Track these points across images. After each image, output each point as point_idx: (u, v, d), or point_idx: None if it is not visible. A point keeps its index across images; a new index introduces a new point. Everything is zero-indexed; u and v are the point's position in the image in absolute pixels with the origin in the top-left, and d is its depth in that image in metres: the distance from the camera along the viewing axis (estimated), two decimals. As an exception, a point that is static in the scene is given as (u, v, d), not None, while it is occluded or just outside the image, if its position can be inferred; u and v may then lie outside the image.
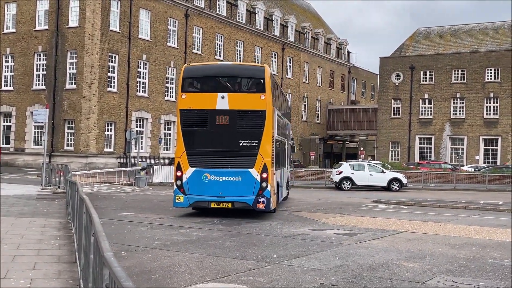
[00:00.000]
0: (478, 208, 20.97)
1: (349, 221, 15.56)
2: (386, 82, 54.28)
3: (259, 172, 15.29)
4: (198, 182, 15.50)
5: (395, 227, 14.53)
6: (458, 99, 50.92)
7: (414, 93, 52.74)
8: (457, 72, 51.07)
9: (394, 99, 53.89)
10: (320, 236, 12.37)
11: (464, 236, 13.13)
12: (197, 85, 16.19)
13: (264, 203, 15.26)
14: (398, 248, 11.17)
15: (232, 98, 15.57)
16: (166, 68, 43.82)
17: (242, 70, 16.66)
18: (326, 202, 22.34)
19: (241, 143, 15.47)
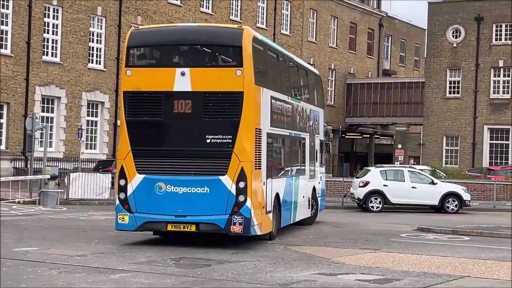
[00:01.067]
0: None
1: (379, 261, 15.63)
2: (439, 41, 54.60)
3: (234, 181, 16.04)
4: (149, 194, 16.33)
5: (452, 269, 14.64)
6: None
7: (483, 59, 53.17)
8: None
9: (450, 69, 54.26)
10: (333, 284, 12.41)
11: (559, 283, 13.25)
12: (148, 57, 17.30)
13: (241, 225, 15.97)
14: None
15: (196, 75, 16.29)
16: (90, 18, 43.61)
17: (210, 34, 17.39)
18: (343, 230, 22.45)
19: (209, 139, 16.25)
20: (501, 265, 15.47)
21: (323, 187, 25.96)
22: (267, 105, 17.56)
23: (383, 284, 12.66)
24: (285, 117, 19.39)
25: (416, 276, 13.62)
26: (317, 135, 24.03)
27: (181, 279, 12.54)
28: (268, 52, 18.39)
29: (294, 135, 20.71)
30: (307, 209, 22.76)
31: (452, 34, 54.15)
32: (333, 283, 12.57)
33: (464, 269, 14.75)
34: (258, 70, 16.82)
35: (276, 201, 18.44)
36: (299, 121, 21.38)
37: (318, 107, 24.49)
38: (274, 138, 18.35)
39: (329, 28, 63.49)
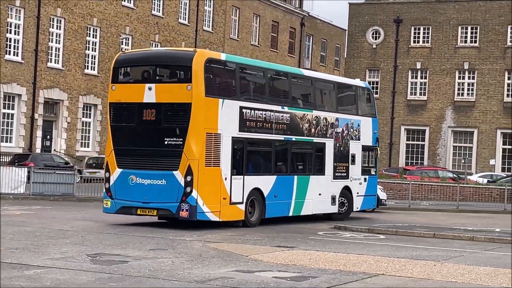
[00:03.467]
0: (492, 239, 21.73)
1: (296, 258, 15.72)
2: (359, 42, 55.32)
3: (183, 175, 19.89)
4: (125, 185, 20.68)
5: (367, 267, 14.82)
6: (466, 71, 52.69)
7: (401, 61, 54.11)
8: (466, 30, 52.79)
9: (370, 69, 55.03)
10: (251, 282, 12.44)
11: (470, 282, 13.57)
12: (127, 75, 21.58)
13: (188, 211, 19.86)
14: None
15: (159, 90, 20.57)
16: (8, 8, 42.74)
17: (169, 56, 22.30)
18: (262, 228, 22.55)
19: (166, 141, 20.31)
20: (414, 263, 15.77)
21: (371, 188, 28.12)
22: (232, 113, 21.25)
23: (300, 281, 12.75)
24: (274, 124, 23.01)
25: (332, 273, 13.75)
26: (354, 141, 26.83)
27: (97, 275, 12.40)
28: (238, 69, 22.14)
29: (297, 140, 24.17)
30: (330, 205, 25.80)
31: (372, 35, 54.94)
32: (250, 280, 12.61)
33: (379, 267, 14.96)
34: (215, 84, 21.36)
35: (258, 195, 22.28)
36: (309, 128, 24.67)
37: (358, 116, 27.39)
38: (249, 142, 22.09)
39: (251, 26, 63.63)
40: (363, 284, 12.84)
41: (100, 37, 49.84)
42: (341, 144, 26.27)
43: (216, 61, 21.63)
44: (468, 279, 13.91)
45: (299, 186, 24.25)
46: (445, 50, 53.12)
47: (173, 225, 21.50)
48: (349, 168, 26.69)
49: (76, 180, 33.37)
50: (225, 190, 21.01)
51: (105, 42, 50.11)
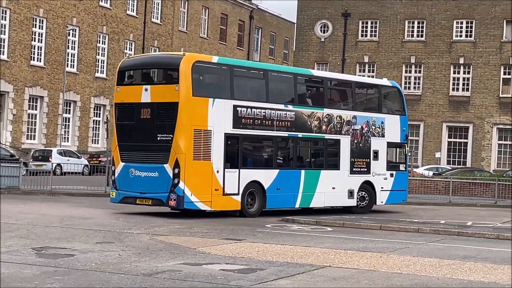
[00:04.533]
0: (437, 231, 22.06)
1: (244, 250, 15.79)
2: (307, 35, 55.54)
3: (172, 168, 21.85)
4: (126, 177, 22.87)
5: (314, 259, 14.93)
6: (412, 65, 53.31)
7: (349, 55, 54.48)
8: (412, 25, 53.36)
9: (318, 63, 55.31)
10: (198, 274, 12.45)
11: (415, 273, 13.76)
12: (129, 78, 23.92)
13: (175, 200, 21.87)
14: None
15: (154, 90, 22.62)
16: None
17: (160, 60, 25.20)
18: (210, 221, 22.64)
19: (158, 137, 22.31)
20: (361, 255, 15.93)
21: (399, 183, 28.89)
22: (225, 112, 22.93)
23: (247, 273, 12.79)
24: (275, 121, 24.57)
25: (280, 266, 13.82)
26: (376, 138, 27.92)
27: (43, 269, 12.29)
28: (232, 71, 23.82)
29: (304, 136, 25.76)
30: (346, 199, 27.03)
31: (320, 28, 55.21)
32: (198, 273, 12.61)
33: (326, 259, 15.08)
34: (205, 85, 23.49)
35: (258, 187, 24.04)
36: (319, 125, 26.07)
37: (383, 113, 28.50)
38: (245, 138, 23.77)
39: (200, 18, 63.45)
40: (310, 276, 12.93)
41: (47, 28, 49.26)
42: (360, 140, 27.47)
43: (206, 64, 23.81)
44: (413, 270, 14.11)
45: (307, 179, 25.64)
46: (392, 44, 53.60)
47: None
48: (371, 164, 27.86)
49: (21, 173, 32.92)
50: (217, 182, 22.79)
51: (51, 34, 49.53)
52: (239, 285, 11.67)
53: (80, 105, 52.10)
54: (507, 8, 50.61)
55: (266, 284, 11.88)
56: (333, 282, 12.35)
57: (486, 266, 15.05)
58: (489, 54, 51.33)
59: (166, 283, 11.57)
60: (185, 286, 11.40)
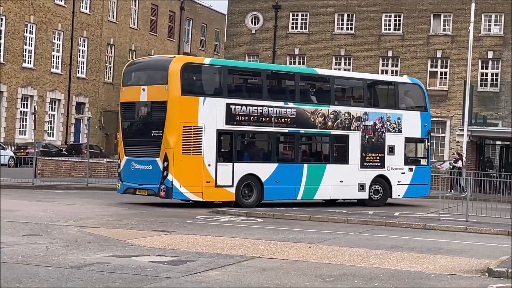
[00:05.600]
0: (365, 221, 22.43)
1: (174, 242, 15.80)
2: (238, 27, 55.57)
3: (162, 161, 23.63)
4: (128, 170, 24.87)
5: (244, 250, 15.03)
6: (342, 57, 53.81)
7: (279, 47, 54.70)
8: (342, 18, 53.87)
9: (249, 55, 55.41)
10: (127, 266, 12.41)
11: (343, 263, 13.98)
12: (131, 79, 25.96)
13: (164, 191, 23.61)
14: (247, 282, 11.57)
15: (149, 90, 24.54)
16: None
17: (155, 62, 27.60)
18: (140, 213, 22.56)
19: (152, 133, 24.27)
20: (290, 246, 16.09)
21: (420, 178, 29.27)
22: (217, 109, 24.41)
23: (177, 265, 12.81)
24: (274, 117, 25.81)
25: (210, 257, 13.88)
26: (392, 133, 28.78)
27: (-33, 262, 12.07)
28: (226, 71, 25.59)
29: (307, 132, 27.04)
30: (357, 192, 27.96)
31: (251, 20, 55.30)
32: (127, 265, 12.57)
33: (256, 250, 15.19)
34: (195, 85, 25.30)
35: (255, 180, 25.37)
36: (325, 121, 27.08)
37: (400, 110, 29.26)
38: (240, 133, 25.47)
39: (130, 8, 62.89)
40: (239, 267, 13.01)
41: (-28, 17, 48.17)
42: (372, 136, 28.40)
43: (197, 65, 25.88)
44: (342, 260, 14.32)
45: (310, 173, 26.70)
46: (322, 37, 53.99)
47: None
48: (385, 158, 28.69)
49: None
50: (208, 174, 24.25)
51: (-23, 22, 48.44)
52: (169, 277, 11.67)
53: (6, 95, 51.13)
54: (434, 2, 51.50)
55: (196, 276, 11.91)
56: (263, 273, 12.44)
57: (413, 256, 15.38)
58: (416, 47, 52.13)
59: (95, 275, 11.50)
60: (113, 278, 11.34)
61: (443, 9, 51.49)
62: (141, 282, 11.18)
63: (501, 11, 50.02)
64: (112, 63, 60.77)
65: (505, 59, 50.06)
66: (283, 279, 11.96)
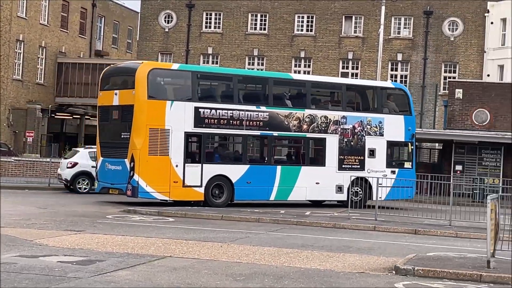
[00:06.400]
0: (277, 220, 22.62)
1: (84, 242, 15.63)
2: (151, 25, 55.23)
3: (129, 162, 24.80)
4: (103, 170, 26.14)
5: (155, 250, 14.97)
6: (255, 57, 54.06)
7: (193, 46, 54.59)
8: (256, 18, 54.14)
9: (162, 53, 55.14)
10: (34, 267, 12.20)
11: (254, 262, 14.05)
12: (106, 84, 27.13)
13: (131, 190, 24.81)
14: (157, 282, 11.51)
15: (120, 95, 25.76)
16: None
17: (125, 68, 28.32)
18: (48, 212, 22.17)
19: (122, 135, 25.39)
20: (202, 245, 16.10)
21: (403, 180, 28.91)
22: (185, 113, 25.35)
23: (86, 265, 12.65)
24: (245, 121, 26.56)
25: (120, 257, 13.77)
26: (373, 136, 29.16)
27: None
28: (195, 76, 26.62)
29: (280, 135, 27.72)
30: (334, 193, 28.41)
31: (164, 19, 55.01)
32: (34, 265, 12.35)
33: (167, 249, 15.15)
34: (162, 89, 26.38)
35: (226, 181, 26.19)
36: (300, 125, 27.70)
37: (382, 114, 29.62)
38: (208, 136, 26.21)
39: (40, 4, 61.69)
40: (150, 266, 12.94)
41: None
42: (351, 139, 28.83)
43: (164, 71, 27.32)
44: (253, 259, 14.40)
45: (284, 175, 27.33)
46: (236, 37, 54.08)
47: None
48: (365, 161, 29.08)
49: None
50: (176, 175, 25.22)
51: None
52: (77, 277, 11.52)
53: None
54: (345, 4, 52.22)
55: (105, 276, 11.79)
56: (173, 272, 12.41)
57: (323, 254, 15.58)
58: (328, 49, 52.76)
59: (1, 276, 11.24)
60: (20, 279, 11.12)
61: (354, 11, 52.27)
62: (49, 282, 11.00)
63: (410, 14, 51.07)
64: (21, 59, 59.39)
65: (414, 62, 51.16)
66: (193, 279, 11.95)
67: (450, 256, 15.70)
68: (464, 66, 50.29)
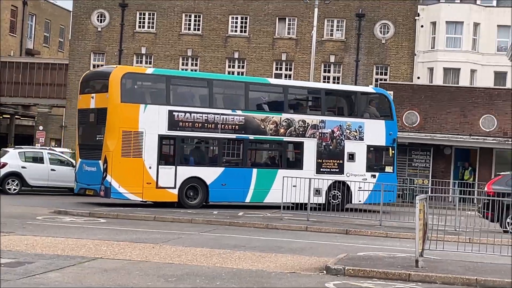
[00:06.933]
0: (210, 221, 22.63)
1: (12, 244, 15.37)
2: (84, 24, 54.63)
3: (102, 163, 25.40)
4: (81, 171, 26.85)
5: (86, 251, 14.84)
6: (189, 58, 53.94)
7: (126, 45, 54.20)
8: (189, 18, 54.01)
9: (95, 52, 54.60)
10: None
11: (186, 263, 14.02)
12: (85, 87, 27.79)
13: (104, 191, 25.45)
14: (87, 284, 11.40)
15: (96, 98, 26.50)
16: None
17: (100, 72, 28.92)
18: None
19: (97, 137, 25.98)
20: (133, 246, 16.01)
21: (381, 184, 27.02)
22: (159, 116, 25.93)
23: (14, 267, 12.45)
24: (220, 124, 27.13)
25: (50, 258, 13.60)
26: (352, 141, 29.59)
27: None
28: (169, 81, 27.03)
29: (256, 139, 28.10)
30: (313, 197, 26.52)
31: (97, 18, 54.48)
32: (-39, 268, 12.10)
33: (98, 250, 15.02)
34: (136, 93, 26.87)
35: (200, 182, 26.75)
36: (276, 128, 28.26)
37: (362, 118, 30.06)
38: (183, 139, 26.84)
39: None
40: (80, 268, 12.82)
41: None
42: (329, 143, 29.31)
43: (138, 75, 27.88)
44: (185, 260, 14.38)
45: (260, 177, 27.69)
46: (170, 37, 53.82)
47: None
48: (344, 165, 29.47)
49: None
50: (149, 176, 25.81)
51: None
52: (5, 279, 11.33)
53: None
54: (279, 5, 52.48)
55: (34, 278, 11.63)
56: (104, 274, 12.31)
57: (255, 255, 15.64)
58: (262, 50, 52.92)
59: None
60: None
61: (288, 13, 52.54)
62: (-24, 285, 10.80)
63: (343, 16, 51.58)
64: (-51, 57, 58.19)
65: (346, 63, 51.67)
66: (125, 280, 11.88)
67: (380, 256, 15.93)
68: (395, 68, 51.06)
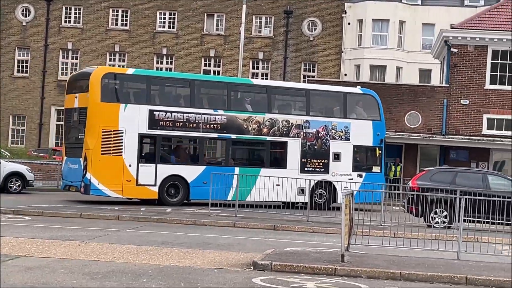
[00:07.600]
0: (137, 218, 22.48)
1: None
2: (8, 19, 53.68)
3: (83, 161, 26.18)
4: (66, 169, 27.93)
5: (9, 249, 14.58)
6: (117, 53, 53.50)
7: (52, 40, 53.45)
8: (117, 13, 53.50)
9: (19, 47, 53.70)
10: None
11: (112, 260, 13.90)
12: (71, 88, 28.55)
13: (83, 188, 26.18)
14: (10, 282, 11.19)
15: (79, 98, 27.24)
16: None
17: (82, 73, 29.16)
18: None
19: (79, 136, 26.95)
20: (59, 244, 15.81)
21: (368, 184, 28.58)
22: (139, 115, 26.61)
23: None
24: (201, 124, 27.69)
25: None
26: (338, 141, 29.86)
27: None
28: (150, 81, 27.86)
29: (239, 138, 28.52)
30: (296, 195, 27.71)
31: (22, 12, 53.57)
32: None
33: (22, 248, 14.77)
34: (117, 93, 27.22)
35: (181, 180, 27.41)
36: (259, 128, 28.67)
37: (348, 119, 30.29)
38: (163, 138, 27.46)
39: None
40: (3, 266, 12.58)
41: None
42: (314, 143, 29.56)
43: (118, 75, 28.16)
44: (111, 257, 14.26)
45: (242, 176, 26.79)
46: (97, 32, 53.27)
47: None
48: (330, 164, 29.71)
49: None
50: (129, 174, 26.47)
51: None
52: None
53: None
54: (207, 2, 52.43)
55: (-45, 277, 11.37)
56: (28, 272, 12.11)
57: (182, 251, 15.61)
58: (190, 46, 52.83)
59: None
60: None
61: (216, 9, 52.60)
62: None
63: (271, 13, 51.88)
64: None
65: (274, 60, 51.99)
66: (49, 278, 11.70)
67: (306, 251, 16.06)
68: (322, 65, 51.59)
